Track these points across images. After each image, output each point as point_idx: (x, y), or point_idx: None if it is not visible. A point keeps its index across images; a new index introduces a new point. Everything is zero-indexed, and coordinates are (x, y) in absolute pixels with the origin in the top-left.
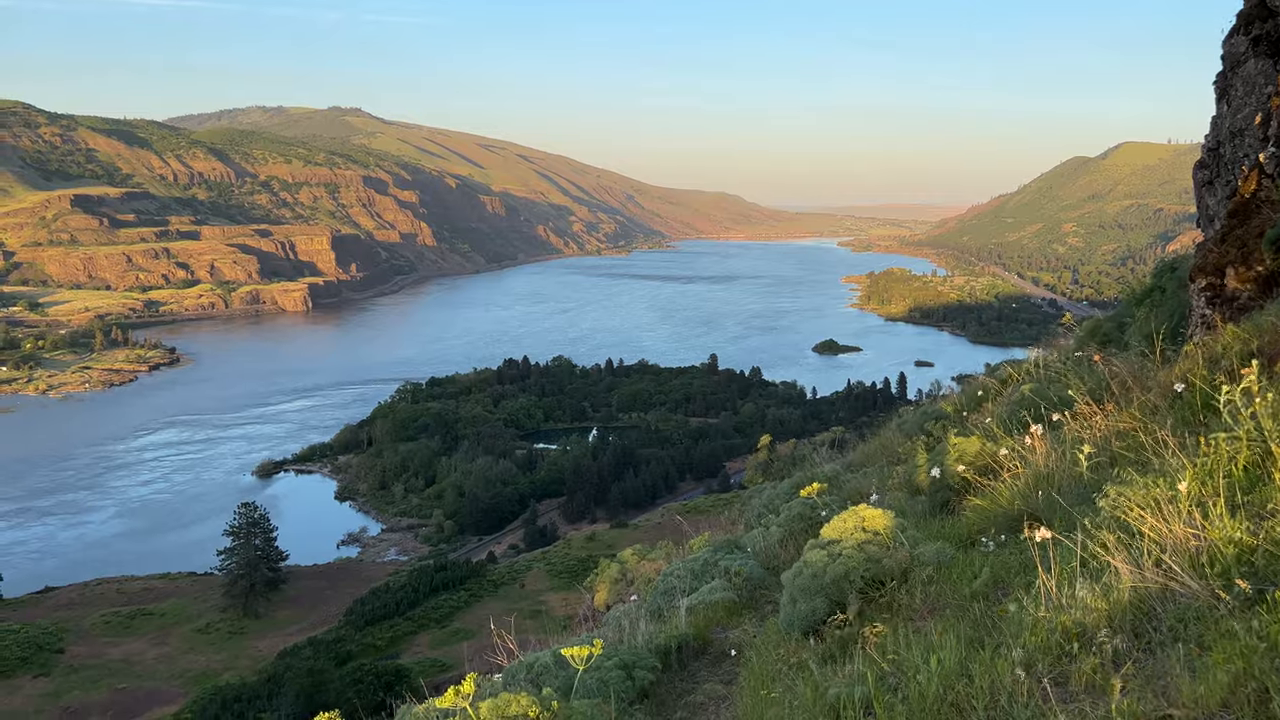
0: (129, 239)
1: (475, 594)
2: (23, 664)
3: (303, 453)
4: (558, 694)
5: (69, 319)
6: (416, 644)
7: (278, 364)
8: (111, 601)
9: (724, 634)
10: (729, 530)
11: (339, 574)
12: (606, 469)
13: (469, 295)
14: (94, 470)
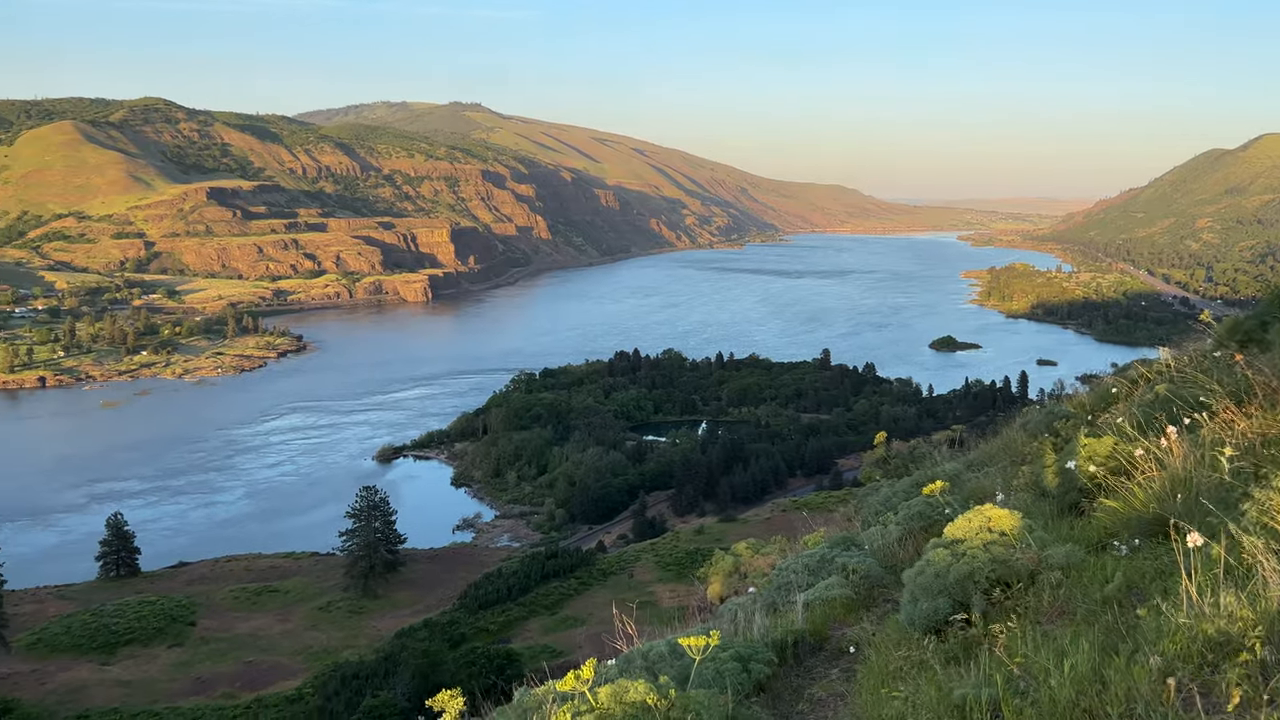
0: (260, 230)
1: (585, 582)
2: (159, 634)
3: (421, 439)
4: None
5: (204, 306)
6: (527, 629)
7: (398, 353)
8: (240, 578)
9: (841, 631)
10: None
11: (454, 558)
12: (715, 463)
13: (581, 288)
14: (224, 452)
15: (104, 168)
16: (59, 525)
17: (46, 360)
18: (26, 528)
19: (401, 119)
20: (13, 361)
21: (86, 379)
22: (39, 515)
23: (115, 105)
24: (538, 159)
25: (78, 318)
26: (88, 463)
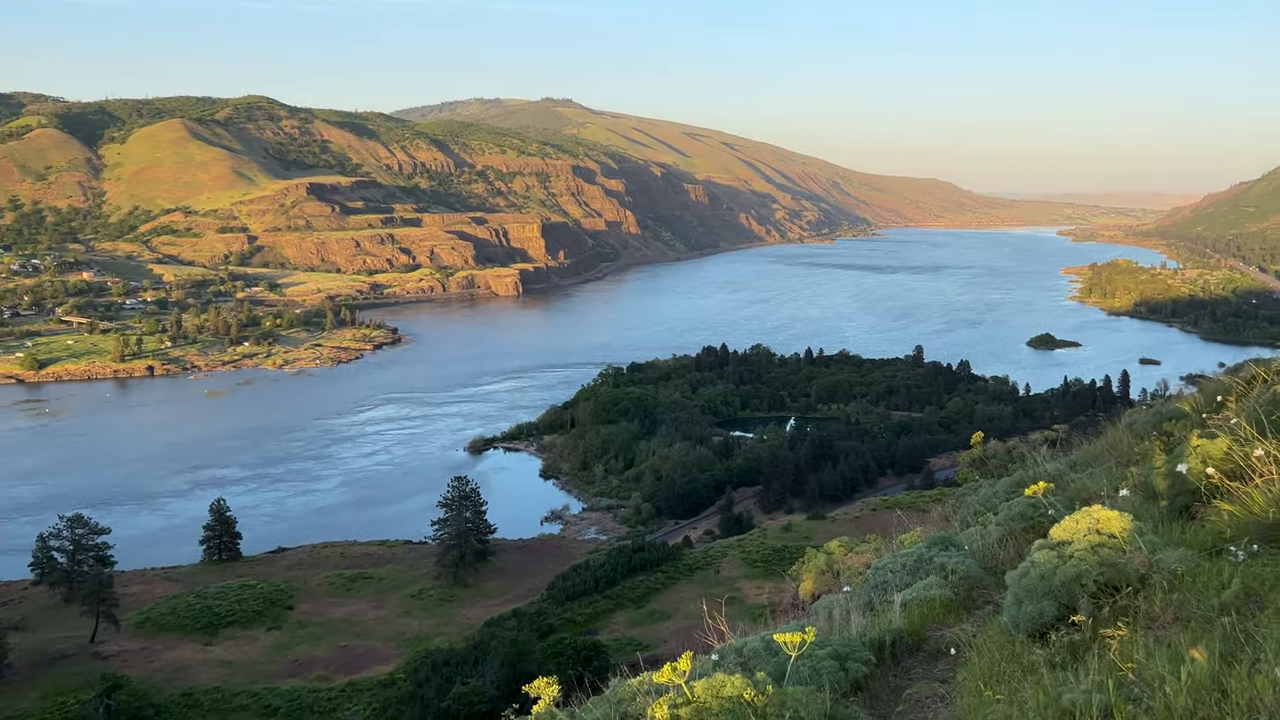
0: (358, 225)
1: (671, 576)
2: (259, 617)
3: (511, 431)
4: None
5: (303, 299)
6: (614, 622)
7: (489, 346)
8: (336, 564)
9: (940, 631)
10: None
11: (542, 549)
12: (804, 460)
13: (669, 282)
14: (321, 441)
15: (210, 164)
16: (165, 510)
17: (155, 350)
18: (135, 512)
19: (495, 115)
20: (124, 351)
21: (192, 368)
22: (147, 500)
23: (221, 104)
24: (628, 154)
25: (184, 309)
26: (192, 450)
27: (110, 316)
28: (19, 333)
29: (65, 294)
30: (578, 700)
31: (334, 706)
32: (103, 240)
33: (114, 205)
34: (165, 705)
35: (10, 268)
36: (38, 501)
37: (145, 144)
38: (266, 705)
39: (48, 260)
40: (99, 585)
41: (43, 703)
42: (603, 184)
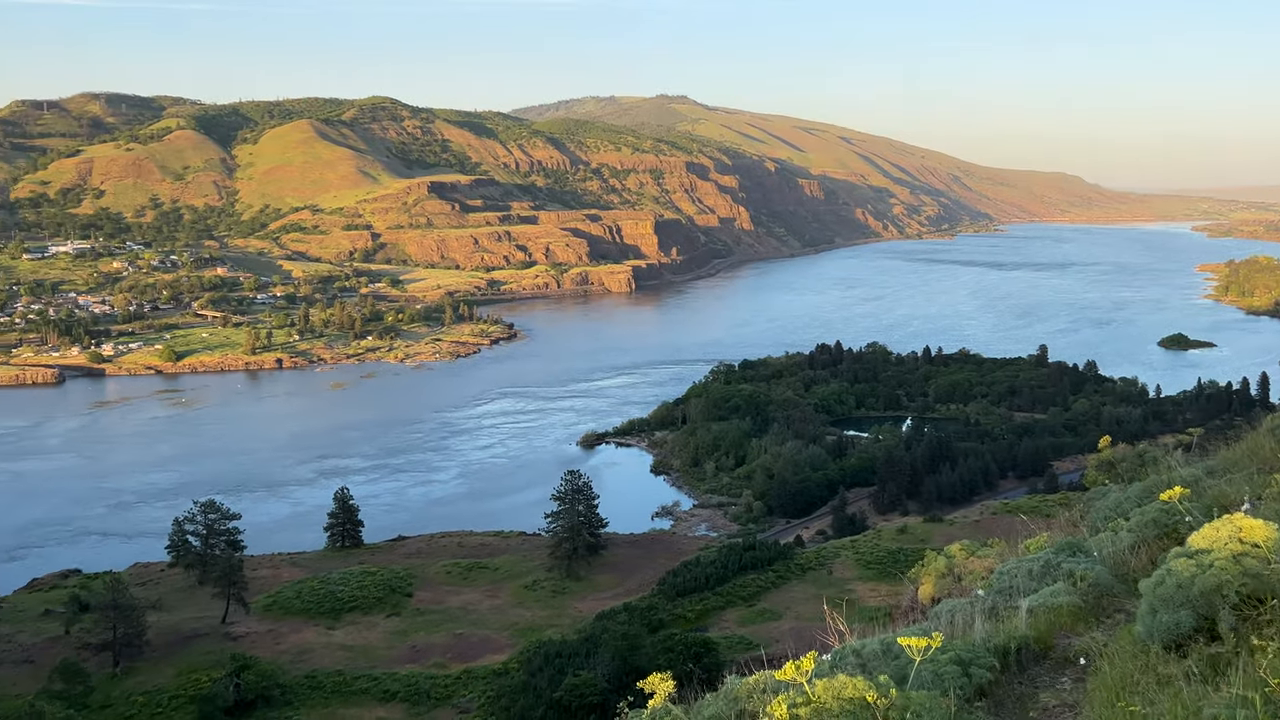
0: (476, 223)
1: (782, 576)
2: (379, 603)
3: (622, 426)
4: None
5: (424, 295)
6: (724, 619)
7: (601, 342)
8: (453, 553)
9: (1067, 640)
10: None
11: (652, 544)
12: (920, 461)
13: (782, 279)
14: (440, 434)
15: (336, 164)
16: (291, 497)
17: (283, 343)
18: (264, 499)
19: (610, 113)
20: (254, 344)
21: (318, 361)
22: (274, 488)
23: (346, 104)
24: (742, 150)
25: (311, 304)
26: (317, 440)
27: (242, 311)
28: (158, 325)
29: (201, 289)
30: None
31: (450, 693)
32: (236, 237)
33: (246, 203)
34: (290, 686)
35: (151, 263)
36: (173, 487)
37: (276, 144)
38: (386, 690)
39: (185, 256)
40: (230, 568)
41: (178, 679)
42: (716, 180)
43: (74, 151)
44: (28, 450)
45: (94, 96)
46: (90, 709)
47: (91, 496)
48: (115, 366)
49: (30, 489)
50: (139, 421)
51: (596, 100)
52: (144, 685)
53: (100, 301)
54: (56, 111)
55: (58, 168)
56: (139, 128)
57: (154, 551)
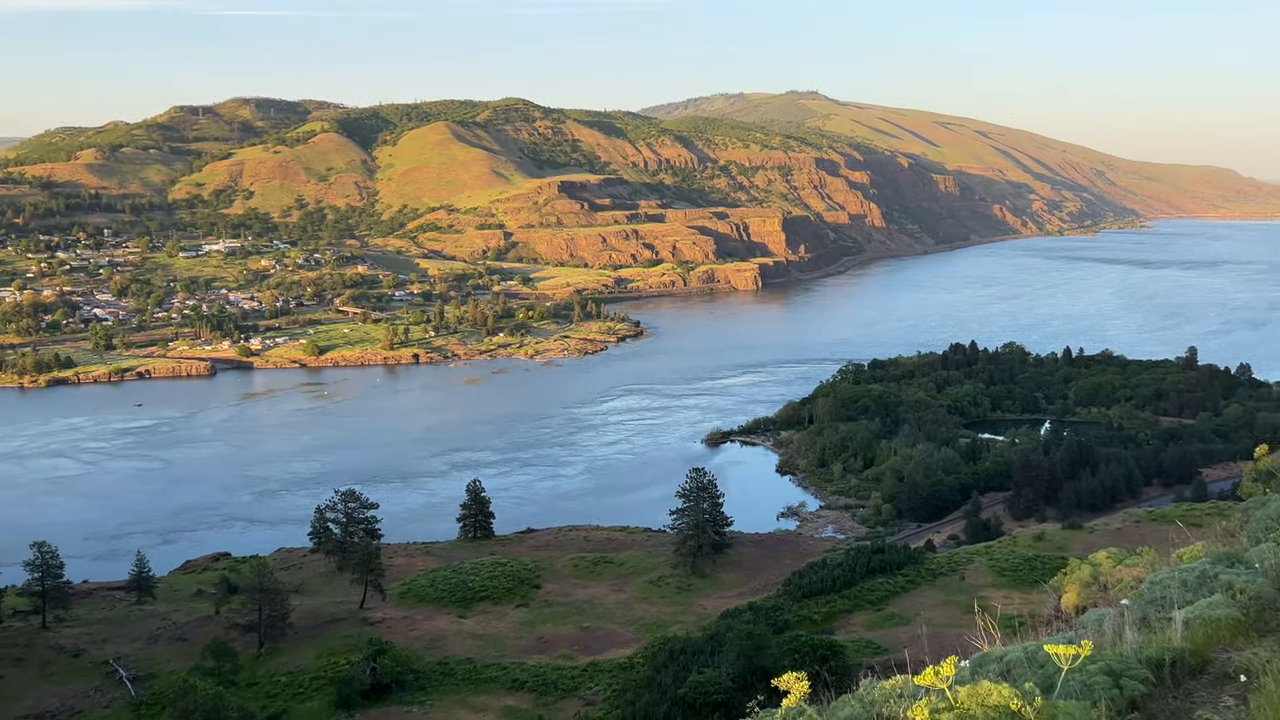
0: (604, 221)
1: (912, 581)
2: (508, 594)
3: (748, 425)
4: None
5: (553, 293)
6: (851, 623)
7: (727, 340)
8: (579, 547)
9: (1226, 654)
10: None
11: (778, 544)
12: (1059, 465)
13: (914, 277)
14: (567, 429)
15: (470, 164)
16: (425, 488)
17: (419, 339)
18: (399, 489)
19: (739, 110)
20: (392, 339)
21: (452, 357)
22: (409, 479)
23: (481, 106)
24: (874, 145)
25: (446, 301)
26: (450, 434)
27: (381, 307)
28: (303, 321)
29: (342, 286)
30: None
31: (576, 685)
32: (375, 236)
33: (385, 204)
34: (423, 672)
35: (296, 262)
36: (314, 476)
37: (414, 146)
38: (514, 679)
39: (328, 255)
40: (368, 556)
41: (318, 661)
42: (846, 176)
43: (226, 154)
44: (181, 439)
45: (245, 101)
46: (237, 686)
47: (239, 484)
48: (263, 360)
49: (183, 476)
50: (283, 413)
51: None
52: (286, 666)
53: (249, 298)
54: (210, 117)
55: (211, 170)
56: (286, 131)
57: (297, 538)
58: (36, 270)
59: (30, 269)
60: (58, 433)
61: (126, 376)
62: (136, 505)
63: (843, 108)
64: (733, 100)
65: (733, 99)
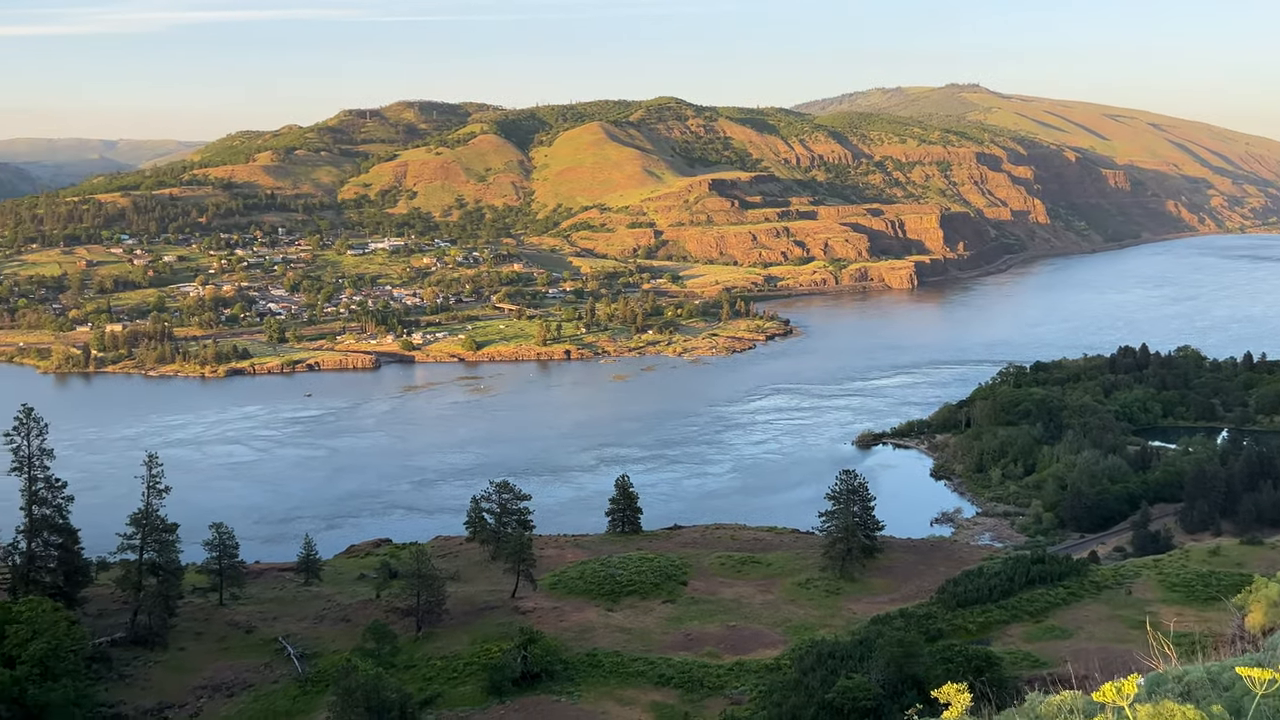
0: (755, 219)
1: (1074, 593)
2: (655, 589)
3: (901, 427)
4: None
5: (702, 291)
6: (1008, 634)
7: (879, 339)
8: (726, 546)
9: None
10: None
11: (931, 550)
12: (1237, 476)
13: (1080, 276)
14: (714, 427)
15: (622, 163)
16: (574, 482)
17: (571, 336)
18: (550, 482)
19: (895, 104)
20: (545, 336)
21: (602, 354)
22: (559, 472)
23: (634, 106)
24: (1038, 139)
25: (597, 299)
26: (598, 429)
27: (535, 304)
28: (461, 317)
29: (499, 284)
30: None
31: (722, 683)
32: (531, 235)
33: (541, 203)
34: (572, 662)
35: (455, 260)
36: (470, 467)
37: (568, 146)
38: (661, 674)
39: (485, 253)
40: (520, 546)
41: (471, 647)
42: (1009, 171)
43: (391, 156)
44: (346, 429)
45: (409, 105)
46: (396, 668)
47: (399, 473)
48: (423, 354)
49: (347, 464)
50: (441, 405)
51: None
52: (442, 650)
53: (412, 294)
54: (377, 120)
55: (377, 171)
56: (447, 133)
57: (453, 526)
58: (217, 267)
59: (212, 265)
60: (233, 421)
61: (297, 368)
62: (304, 491)
63: (1006, 100)
64: (889, 94)
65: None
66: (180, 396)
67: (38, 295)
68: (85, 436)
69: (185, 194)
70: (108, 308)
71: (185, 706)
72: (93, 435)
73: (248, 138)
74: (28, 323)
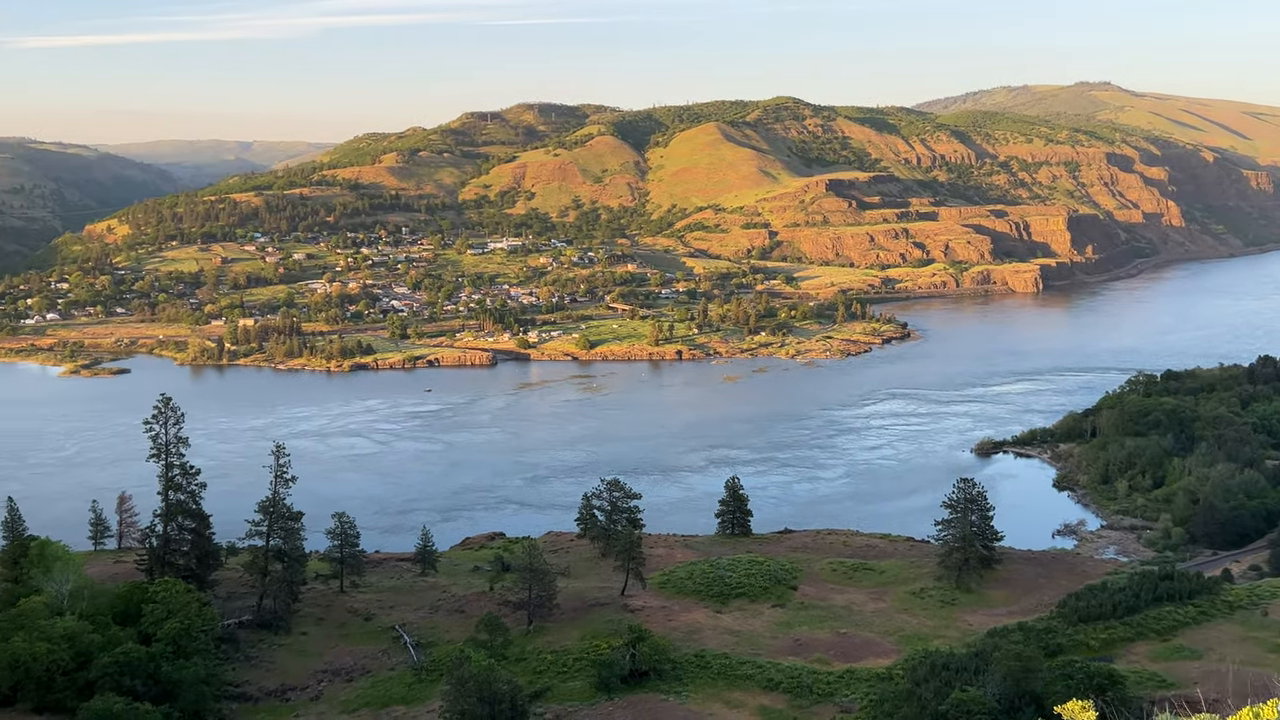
0: (872, 220)
1: (1205, 612)
2: (764, 593)
3: (1022, 436)
4: None
5: (817, 292)
6: (1132, 652)
7: (1001, 345)
8: (838, 551)
9: None
10: None
11: (1052, 563)
12: None
13: (1218, 281)
14: (827, 431)
15: (738, 164)
16: (684, 482)
17: (683, 336)
18: (659, 482)
19: (1022, 103)
20: (657, 336)
21: (714, 354)
22: (669, 472)
23: (751, 106)
24: (1173, 139)
25: (710, 300)
26: (708, 430)
27: (648, 304)
28: (575, 316)
29: (613, 283)
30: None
31: (832, 690)
32: (645, 235)
33: (656, 204)
34: (680, 662)
35: (571, 260)
36: (580, 465)
37: (684, 147)
38: (769, 678)
39: (600, 253)
40: (631, 544)
41: (581, 642)
42: (1141, 172)
43: (510, 157)
44: (462, 424)
45: (529, 107)
46: (507, 660)
47: (511, 469)
48: (538, 352)
49: (462, 459)
50: (554, 403)
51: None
52: (552, 644)
53: (528, 293)
54: (498, 122)
55: (497, 172)
56: (565, 134)
57: (563, 522)
58: (344, 264)
59: (339, 263)
60: (355, 414)
61: (418, 364)
62: (421, 484)
63: (1138, 99)
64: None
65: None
66: (306, 389)
67: (176, 290)
68: (217, 426)
69: (314, 194)
70: (240, 303)
71: (306, 689)
72: (224, 425)
73: (374, 139)
74: (167, 316)
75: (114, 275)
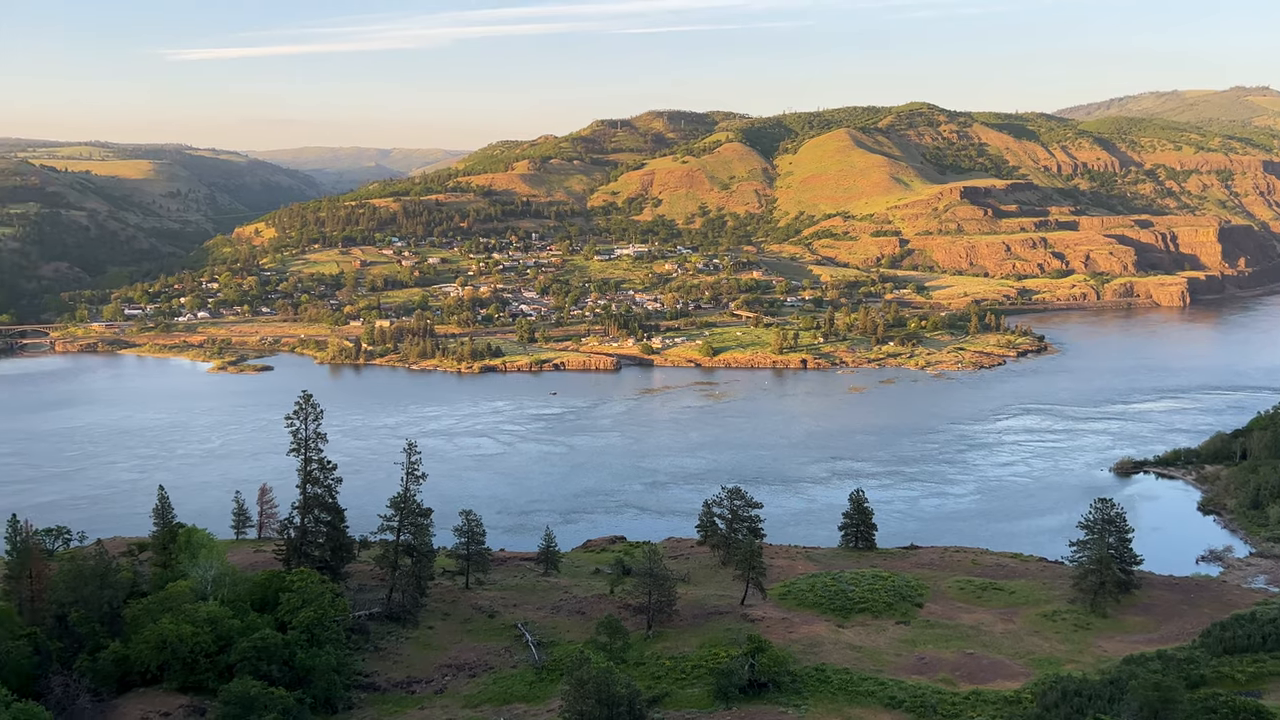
0: (1009, 229)
1: None
2: (888, 609)
3: (1165, 456)
4: None
5: (948, 302)
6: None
7: (1143, 360)
8: (966, 570)
9: None
10: None
11: (1196, 590)
12: None
13: None
14: (956, 446)
15: (868, 171)
16: (805, 494)
17: (808, 345)
18: (780, 492)
19: (1170, 109)
20: (782, 344)
21: (839, 364)
22: (790, 483)
23: (884, 112)
24: None
25: (836, 308)
26: (831, 441)
27: (772, 312)
28: (699, 323)
29: (737, 290)
30: None
31: (957, 712)
32: (771, 242)
33: (783, 211)
34: (799, 675)
35: (696, 266)
36: (700, 472)
37: (813, 154)
38: (891, 696)
39: (725, 260)
40: (751, 554)
41: (700, 650)
42: None
43: (638, 165)
44: (585, 428)
45: (658, 115)
46: (626, 664)
47: (632, 473)
48: (662, 358)
49: (583, 462)
50: (675, 409)
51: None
52: (670, 650)
53: (653, 299)
54: (627, 130)
55: (625, 179)
56: (693, 142)
57: (683, 529)
58: (475, 269)
59: (471, 268)
60: (483, 415)
61: (544, 367)
62: (542, 485)
63: None
64: (1164, 98)
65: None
66: (437, 390)
67: (317, 291)
68: (352, 423)
69: (449, 200)
70: (377, 305)
71: (431, 682)
72: (358, 422)
73: (506, 147)
74: (308, 316)
75: (260, 276)
